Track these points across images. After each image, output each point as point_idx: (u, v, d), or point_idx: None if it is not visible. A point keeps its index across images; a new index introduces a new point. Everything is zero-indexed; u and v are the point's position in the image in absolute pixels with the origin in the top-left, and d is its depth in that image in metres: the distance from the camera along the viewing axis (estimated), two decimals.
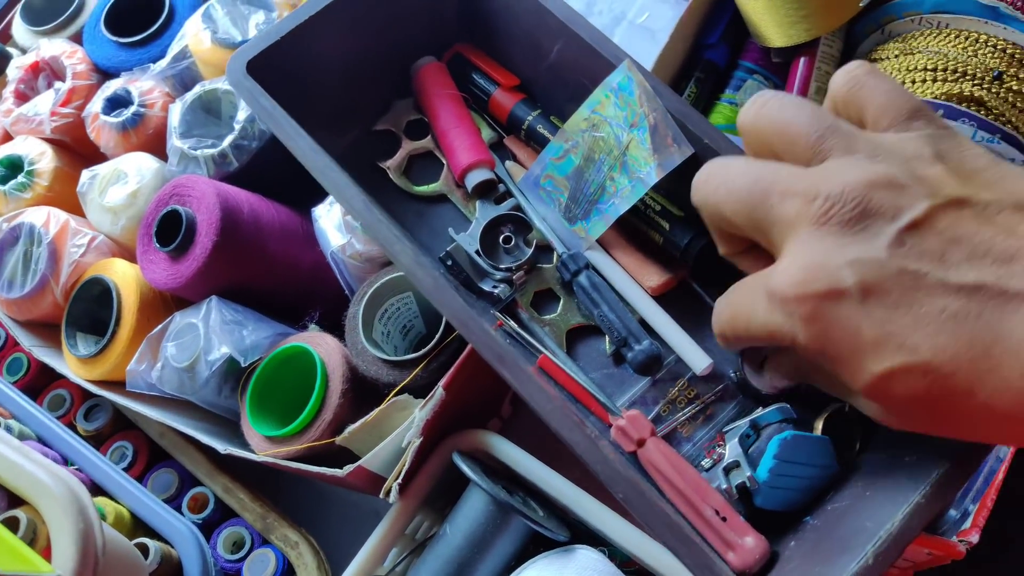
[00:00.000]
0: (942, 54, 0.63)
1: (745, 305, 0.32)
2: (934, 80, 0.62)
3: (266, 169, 0.68)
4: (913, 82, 0.63)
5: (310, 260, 0.68)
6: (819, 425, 0.53)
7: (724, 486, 0.51)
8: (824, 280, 0.28)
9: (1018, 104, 0.61)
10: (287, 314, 0.68)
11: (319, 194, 0.64)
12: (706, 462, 0.53)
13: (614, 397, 0.56)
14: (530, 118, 0.59)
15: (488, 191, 0.59)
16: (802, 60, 0.70)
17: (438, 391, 0.55)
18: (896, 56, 0.66)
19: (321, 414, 0.59)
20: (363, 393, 0.61)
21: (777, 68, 0.72)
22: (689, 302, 0.56)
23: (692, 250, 0.54)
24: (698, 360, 0.54)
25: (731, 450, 0.52)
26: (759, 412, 0.53)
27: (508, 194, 0.59)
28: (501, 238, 0.57)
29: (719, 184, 0.34)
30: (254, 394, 0.61)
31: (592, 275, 0.55)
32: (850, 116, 0.34)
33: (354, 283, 0.64)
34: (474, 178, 0.58)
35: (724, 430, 0.54)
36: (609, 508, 0.56)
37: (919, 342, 0.26)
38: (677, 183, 0.55)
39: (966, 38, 0.63)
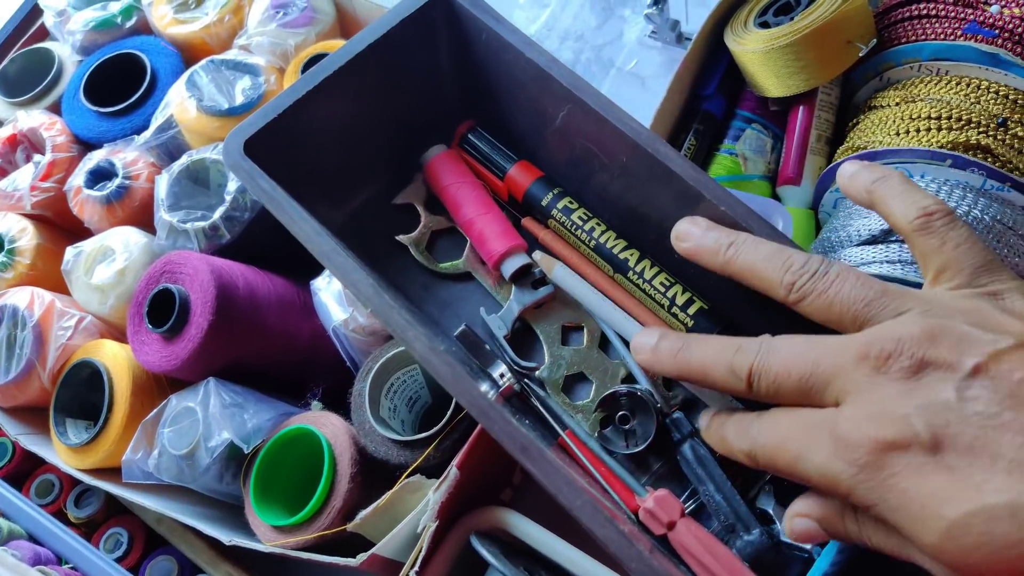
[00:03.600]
0: (944, 101, 0.63)
1: (798, 441, 0.30)
2: (939, 128, 0.62)
3: (259, 240, 0.66)
4: (917, 130, 0.62)
5: (308, 330, 0.66)
6: None
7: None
8: (893, 428, 0.27)
9: None
10: (287, 388, 0.66)
11: (316, 263, 0.62)
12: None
13: (636, 474, 0.54)
14: (548, 199, 0.57)
15: (523, 276, 0.57)
16: (801, 108, 0.70)
17: (452, 471, 0.53)
18: (897, 104, 0.65)
19: (330, 500, 0.56)
20: (372, 476, 0.58)
21: (775, 116, 0.72)
22: None
23: None
24: None
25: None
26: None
27: (543, 280, 0.57)
28: (617, 416, 0.54)
29: (776, 371, 0.33)
30: (258, 480, 0.58)
31: (698, 445, 0.51)
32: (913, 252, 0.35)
33: (357, 356, 0.62)
34: (511, 265, 0.56)
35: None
36: None
37: (1000, 482, 0.25)
38: (704, 272, 0.53)
39: (967, 85, 0.63)
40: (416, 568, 0.54)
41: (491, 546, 0.54)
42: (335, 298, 0.60)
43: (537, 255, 0.58)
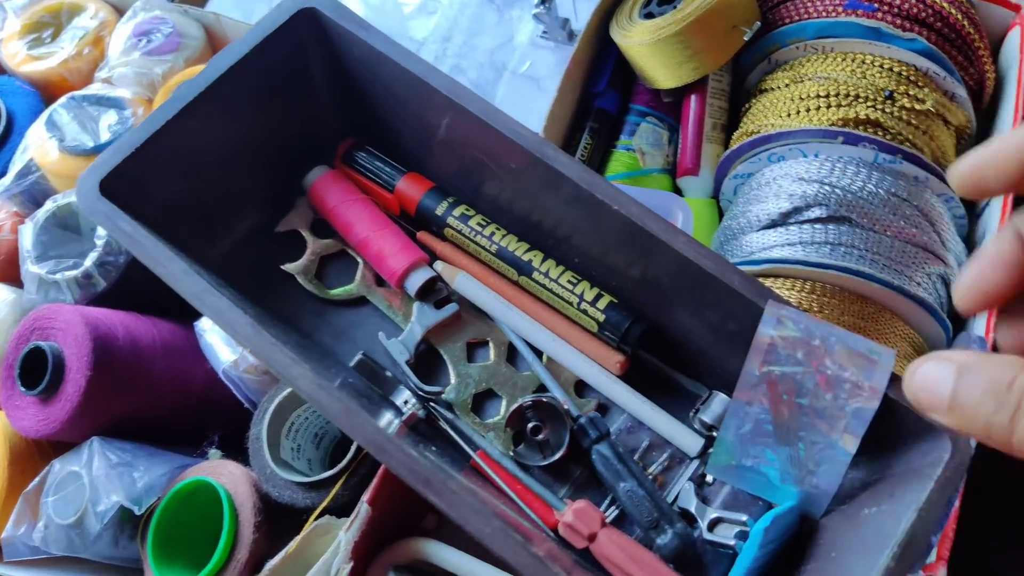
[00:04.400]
0: (832, 79, 0.62)
1: None
2: (828, 106, 0.61)
3: (140, 284, 0.62)
4: (808, 110, 0.62)
5: (203, 375, 0.62)
6: None
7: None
8: None
9: (912, 122, 0.61)
10: (185, 437, 0.61)
11: None
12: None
13: (555, 487, 0.52)
14: (443, 208, 0.55)
15: (426, 294, 0.55)
16: (693, 98, 0.69)
17: (363, 508, 0.50)
18: (787, 85, 0.65)
19: (235, 554, 0.52)
20: (279, 522, 0.55)
21: (669, 108, 0.71)
22: (642, 379, 0.53)
23: (633, 335, 0.51)
24: (691, 443, 0.51)
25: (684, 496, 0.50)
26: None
27: (447, 299, 0.55)
28: (530, 426, 0.52)
29: None
30: (157, 540, 0.54)
31: (615, 444, 0.50)
32: None
33: (255, 396, 0.58)
34: (416, 280, 0.53)
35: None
36: None
37: None
38: (608, 269, 0.52)
39: (852, 60, 0.63)
40: None
41: None
42: (222, 339, 0.56)
43: (439, 266, 0.55)
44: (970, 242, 0.64)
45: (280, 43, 0.53)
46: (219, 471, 0.54)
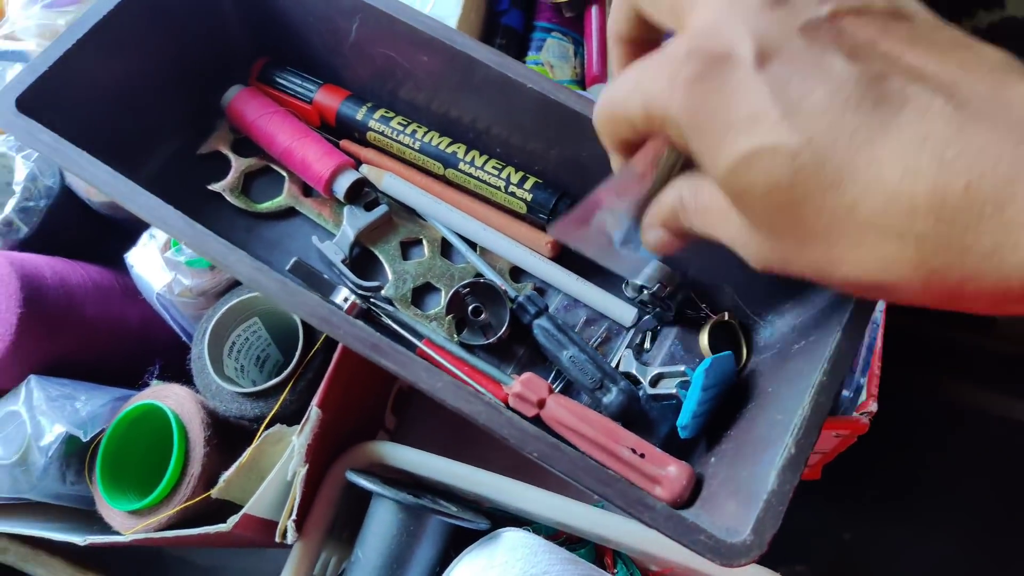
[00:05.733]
0: None
1: (632, 78, 0.28)
2: None
3: (63, 228, 0.61)
4: None
5: (137, 315, 0.61)
6: (704, 340, 0.52)
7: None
8: (721, 40, 0.26)
9: None
10: (126, 380, 0.61)
11: (128, 241, 0.58)
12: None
13: (502, 367, 0.53)
14: (363, 113, 0.56)
15: (356, 198, 0.55)
16: (594, 9, 0.71)
17: (313, 411, 0.51)
18: None
19: (187, 470, 0.52)
20: (231, 437, 0.55)
21: (571, 23, 0.73)
22: (574, 260, 0.55)
23: (561, 211, 0.53)
24: (625, 313, 0.53)
25: (627, 362, 0.52)
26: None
27: (376, 201, 0.55)
28: (470, 309, 0.53)
29: None
30: (105, 469, 0.53)
31: (554, 317, 0.52)
32: None
33: (190, 325, 0.58)
34: (343, 183, 0.54)
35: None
36: (523, 483, 0.53)
37: (801, 120, 0.24)
38: (529, 155, 0.54)
39: None
40: (294, 516, 0.51)
41: (371, 477, 0.52)
42: (154, 266, 0.56)
43: (365, 169, 0.56)
44: None
45: None
46: (163, 394, 0.54)
